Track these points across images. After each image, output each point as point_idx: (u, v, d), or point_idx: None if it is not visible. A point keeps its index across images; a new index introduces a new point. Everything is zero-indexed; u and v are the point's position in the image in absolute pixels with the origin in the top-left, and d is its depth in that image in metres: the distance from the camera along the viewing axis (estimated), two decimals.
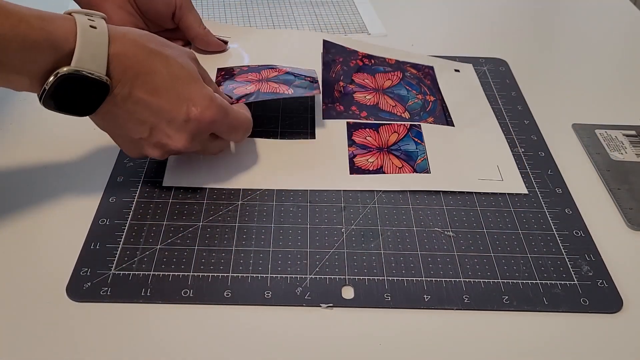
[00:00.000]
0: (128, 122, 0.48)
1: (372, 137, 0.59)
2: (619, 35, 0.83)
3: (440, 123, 0.63)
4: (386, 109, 0.63)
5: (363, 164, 0.57)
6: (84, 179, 0.55)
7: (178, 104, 0.48)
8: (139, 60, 0.47)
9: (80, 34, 0.44)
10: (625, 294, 0.48)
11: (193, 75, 0.50)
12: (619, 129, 0.64)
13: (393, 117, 0.63)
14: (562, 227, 0.53)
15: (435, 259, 0.50)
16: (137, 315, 0.45)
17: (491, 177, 0.57)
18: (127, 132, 0.50)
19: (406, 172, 0.57)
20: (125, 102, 0.47)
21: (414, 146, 0.59)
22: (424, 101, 0.65)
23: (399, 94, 0.65)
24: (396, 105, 0.63)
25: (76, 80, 0.44)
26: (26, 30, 0.42)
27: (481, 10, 0.87)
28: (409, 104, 0.64)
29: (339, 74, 0.66)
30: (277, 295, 0.46)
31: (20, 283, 0.46)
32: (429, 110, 0.64)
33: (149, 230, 0.50)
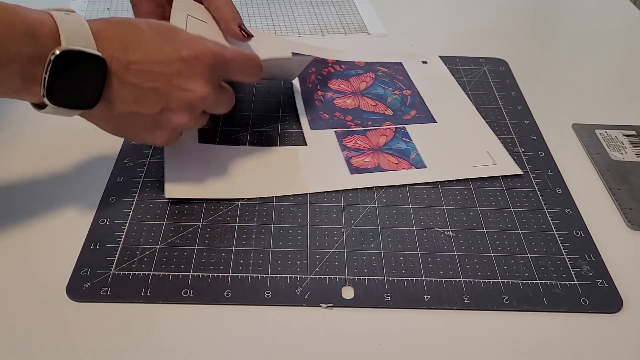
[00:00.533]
0: (141, 97, 0.46)
1: (363, 141, 0.60)
2: (619, 35, 0.83)
3: (422, 115, 0.64)
4: (368, 110, 0.64)
5: (360, 164, 0.58)
6: (84, 179, 0.55)
7: (176, 53, 0.46)
8: (121, 32, 0.45)
9: (57, 18, 0.43)
10: (625, 294, 0.48)
11: (174, 27, 0.49)
12: (619, 129, 0.64)
13: (377, 115, 0.63)
14: (562, 227, 0.53)
15: (435, 259, 0.50)
16: (137, 315, 0.45)
17: (485, 163, 0.58)
18: (146, 109, 0.47)
19: (404, 168, 0.58)
20: (128, 75, 0.45)
21: (404, 144, 0.60)
22: (402, 96, 0.66)
23: (377, 93, 0.66)
24: (377, 104, 0.65)
25: (71, 61, 0.42)
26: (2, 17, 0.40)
27: (481, 10, 0.87)
28: (389, 100, 0.65)
29: (315, 84, 0.66)
30: (277, 295, 0.46)
31: (20, 283, 0.46)
32: (409, 104, 0.65)
33: (149, 230, 0.50)
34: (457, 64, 0.74)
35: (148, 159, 0.57)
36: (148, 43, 0.46)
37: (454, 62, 0.74)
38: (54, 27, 0.42)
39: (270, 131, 0.61)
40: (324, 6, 0.86)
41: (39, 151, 0.58)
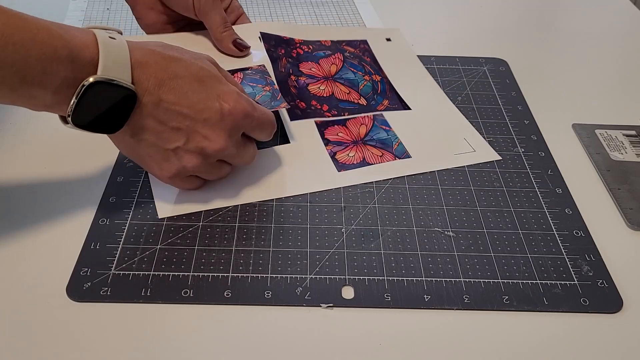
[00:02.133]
0: (161, 132, 0.47)
1: (344, 132, 0.60)
2: (619, 35, 0.83)
3: (395, 104, 0.65)
4: (343, 98, 0.64)
5: (346, 159, 0.58)
6: (85, 179, 0.55)
7: (209, 102, 0.48)
8: (161, 67, 0.46)
9: (101, 43, 0.43)
10: (625, 294, 0.48)
11: (216, 75, 0.49)
12: (619, 129, 0.64)
13: (352, 105, 0.64)
14: (562, 227, 0.53)
15: (435, 259, 0.50)
16: (137, 315, 0.45)
17: (464, 150, 0.59)
18: (162, 143, 0.48)
19: (389, 159, 0.58)
20: (156, 111, 0.46)
21: (385, 134, 0.61)
22: (372, 82, 0.67)
23: (348, 78, 0.67)
24: (350, 92, 0.65)
25: (103, 90, 0.43)
26: (45, 38, 0.41)
27: (481, 10, 0.87)
28: (361, 87, 0.66)
29: (287, 68, 0.67)
30: (277, 295, 0.46)
31: (20, 283, 0.46)
32: (380, 92, 0.66)
33: (149, 230, 0.50)
34: (457, 64, 0.74)
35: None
36: (184, 86, 0.47)
37: (454, 62, 0.74)
38: (95, 52, 0.43)
39: None
40: (324, 6, 0.86)
41: (39, 151, 0.58)
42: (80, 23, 0.77)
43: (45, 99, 0.43)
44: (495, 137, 0.62)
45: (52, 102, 0.43)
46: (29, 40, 0.40)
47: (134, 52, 0.45)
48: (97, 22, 0.78)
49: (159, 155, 0.49)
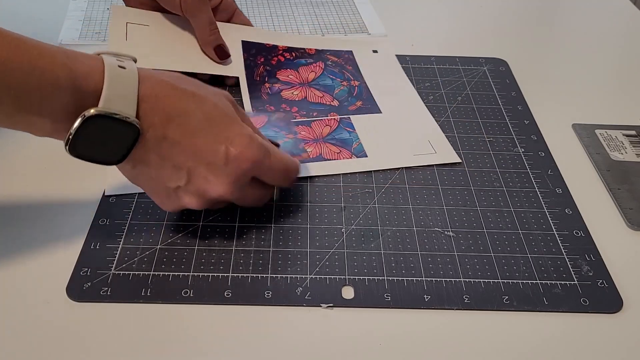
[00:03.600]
0: (163, 169, 0.45)
1: (307, 131, 0.61)
2: (618, 35, 0.83)
3: (368, 105, 0.65)
4: (315, 101, 0.65)
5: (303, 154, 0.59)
6: (84, 179, 0.55)
7: (216, 144, 0.45)
8: (172, 102, 0.44)
9: (107, 72, 0.41)
10: (625, 294, 0.48)
11: (229, 115, 0.46)
12: (619, 129, 0.64)
13: (323, 106, 0.64)
14: (562, 227, 0.53)
15: (435, 259, 0.50)
16: (137, 315, 0.45)
17: (425, 152, 0.60)
18: (163, 180, 0.46)
19: (345, 157, 0.59)
20: (159, 147, 0.44)
21: (347, 134, 0.61)
22: (350, 87, 0.67)
23: (325, 84, 0.67)
24: (324, 95, 0.66)
25: (104, 123, 0.41)
26: (46, 66, 0.39)
27: (481, 10, 0.87)
28: (336, 92, 0.66)
29: (264, 76, 0.67)
30: (277, 295, 0.46)
31: (20, 283, 0.46)
32: (356, 94, 0.66)
33: (149, 230, 0.50)
34: (457, 64, 0.74)
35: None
36: (193, 125, 0.44)
37: (454, 62, 0.74)
38: (99, 82, 0.41)
39: None
40: (324, 6, 0.86)
41: (39, 151, 0.58)
42: (80, 23, 0.78)
43: (44, 127, 0.41)
44: (495, 137, 0.62)
45: (52, 130, 0.41)
46: (28, 66, 0.38)
47: (143, 83, 0.43)
48: (97, 22, 0.78)
49: (159, 189, 0.47)
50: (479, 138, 0.62)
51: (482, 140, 0.62)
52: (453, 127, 0.64)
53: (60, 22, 0.77)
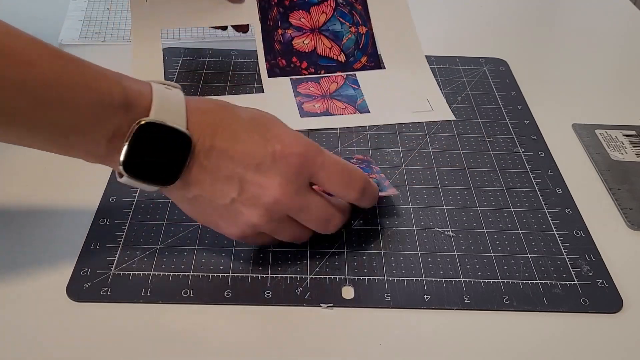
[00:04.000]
0: (216, 183, 0.43)
1: (315, 88, 0.67)
2: (619, 35, 0.83)
3: (372, 63, 0.69)
4: (324, 54, 0.69)
5: (311, 109, 0.64)
6: (85, 179, 0.55)
7: (262, 144, 0.43)
8: (217, 115, 0.44)
9: (156, 91, 0.42)
10: (625, 294, 0.48)
11: (273, 119, 0.45)
12: (619, 129, 0.64)
13: (331, 62, 0.69)
14: (562, 227, 0.53)
15: (435, 259, 0.50)
16: (137, 315, 0.45)
17: (423, 109, 0.65)
18: (217, 198, 0.43)
19: (350, 112, 0.64)
20: (208, 159, 0.42)
21: (353, 91, 0.67)
22: (357, 35, 0.70)
23: (334, 30, 0.69)
24: (332, 46, 0.69)
25: (156, 133, 0.41)
26: (102, 84, 0.39)
27: (481, 10, 0.87)
28: (344, 41, 0.69)
29: (277, 20, 0.69)
30: (277, 295, 0.46)
31: (20, 283, 0.46)
32: (362, 47, 0.69)
33: (149, 230, 0.50)
34: (457, 64, 0.74)
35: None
36: (238, 131, 0.43)
37: (454, 62, 0.74)
38: (149, 99, 0.41)
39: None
40: None
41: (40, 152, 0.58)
42: (80, 23, 0.78)
43: (99, 149, 0.41)
44: (495, 137, 0.62)
45: (105, 152, 0.41)
46: (84, 83, 0.39)
47: (189, 101, 0.43)
48: (97, 22, 0.78)
49: (220, 211, 0.44)
50: (479, 138, 0.62)
51: (482, 140, 0.62)
52: (453, 127, 0.64)
53: (60, 22, 0.77)
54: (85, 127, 0.40)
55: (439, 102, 0.66)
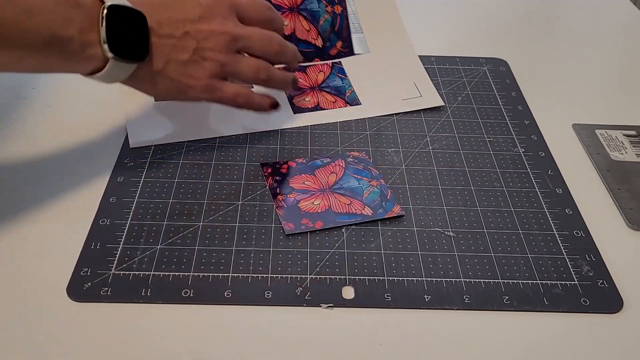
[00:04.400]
0: (175, 43, 0.51)
1: (303, 79, 0.66)
2: (619, 35, 0.83)
3: (347, 47, 0.70)
4: (302, 38, 0.68)
5: (302, 104, 0.64)
6: (85, 179, 0.55)
7: (193, 3, 0.53)
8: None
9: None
10: (625, 294, 0.48)
11: None
12: (619, 129, 0.64)
13: (309, 47, 0.68)
14: (562, 227, 0.53)
15: (435, 259, 0.50)
16: (137, 315, 0.45)
17: (412, 96, 0.66)
18: (180, 54, 0.52)
19: (340, 106, 0.64)
20: (161, 28, 0.51)
21: (340, 82, 0.67)
22: (333, 16, 0.69)
23: (312, 10, 0.68)
24: (310, 29, 0.68)
25: (120, 14, 0.47)
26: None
27: (481, 10, 0.87)
28: (321, 23, 0.68)
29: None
30: (277, 295, 0.46)
31: (20, 283, 0.46)
32: (337, 30, 0.69)
33: (149, 230, 0.50)
34: (457, 64, 0.74)
35: (148, 159, 0.57)
36: (168, 1, 0.52)
37: (454, 62, 0.74)
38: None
39: None
40: None
41: (39, 152, 0.58)
42: None
43: (73, 44, 0.45)
44: (495, 137, 0.62)
45: (79, 48, 0.46)
46: None
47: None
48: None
49: (185, 70, 0.52)
50: (479, 138, 0.62)
51: (482, 140, 0.62)
52: (453, 127, 0.64)
53: None
54: (58, 27, 0.44)
55: (427, 87, 0.66)
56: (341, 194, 0.54)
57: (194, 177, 0.56)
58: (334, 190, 0.55)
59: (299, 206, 0.53)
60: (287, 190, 0.54)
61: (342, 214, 0.52)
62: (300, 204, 0.53)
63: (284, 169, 0.57)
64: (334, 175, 0.56)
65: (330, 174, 0.56)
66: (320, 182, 0.55)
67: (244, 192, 0.55)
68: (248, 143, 0.60)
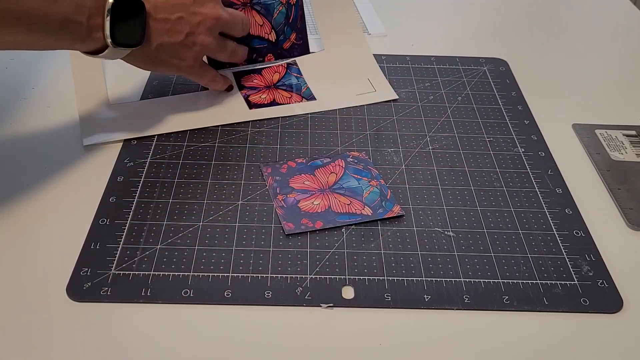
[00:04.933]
0: (170, 27, 0.56)
1: (259, 79, 0.67)
2: (619, 35, 0.83)
3: (301, 38, 0.70)
4: (255, 33, 0.67)
5: (258, 100, 0.65)
6: (84, 179, 0.55)
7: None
8: None
9: None
10: (625, 294, 0.48)
11: None
12: (619, 129, 0.64)
13: (262, 42, 0.68)
14: (562, 227, 0.53)
15: (435, 259, 0.50)
16: (137, 315, 0.45)
17: (366, 91, 0.67)
18: (175, 37, 0.56)
19: (296, 100, 0.65)
20: (158, 14, 0.55)
21: (296, 80, 0.67)
22: (287, 7, 0.68)
23: (265, 2, 0.67)
24: (263, 23, 0.67)
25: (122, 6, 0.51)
26: None
27: (481, 10, 0.87)
28: (275, 16, 0.68)
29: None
30: (277, 295, 0.46)
31: (20, 283, 0.46)
32: (291, 21, 0.69)
33: (149, 230, 0.50)
34: (457, 64, 0.74)
35: (148, 159, 0.57)
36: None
37: (454, 62, 0.74)
38: None
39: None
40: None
41: (39, 152, 0.58)
42: None
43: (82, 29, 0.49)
44: (495, 137, 0.62)
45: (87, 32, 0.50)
46: None
47: None
48: None
49: (176, 51, 0.57)
50: (479, 138, 0.62)
51: (482, 140, 0.62)
52: (453, 127, 0.64)
53: None
54: (72, 13, 0.48)
55: (381, 82, 0.68)
56: (341, 194, 0.54)
57: (194, 177, 0.56)
58: (334, 190, 0.55)
59: (299, 206, 0.53)
60: (287, 190, 0.54)
61: (342, 214, 0.52)
62: (300, 204, 0.53)
63: (284, 169, 0.57)
64: (334, 175, 0.56)
65: (330, 174, 0.56)
66: (320, 182, 0.55)
67: (244, 192, 0.55)
68: (248, 143, 0.60)
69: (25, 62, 0.70)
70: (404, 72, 0.71)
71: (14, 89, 0.66)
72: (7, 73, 0.68)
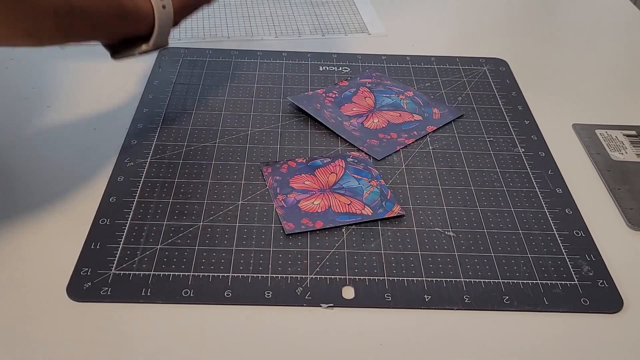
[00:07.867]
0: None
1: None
2: (619, 35, 0.83)
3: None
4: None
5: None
6: (85, 179, 0.55)
7: None
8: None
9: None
10: (625, 294, 0.48)
11: None
12: (619, 129, 0.64)
13: None
14: (562, 227, 0.53)
15: (436, 259, 0.49)
16: (137, 315, 0.45)
17: None
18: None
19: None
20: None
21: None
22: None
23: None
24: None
25: None
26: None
27: (481, 10, 0.87)
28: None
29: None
30: (277, 295, 0.46)
31: (20, 283, 0.46)
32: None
33: (149, 230, 0.50)
34: (457, 64, 0.74)
35: (148, 159, 0.57)
36: None
37: (454, 62, 0.74)
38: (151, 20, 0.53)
39: None
40: (324, 6, 0.86)
41: (39, 151, 0.58)
42: None
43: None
44: (495, 137, 0.62)
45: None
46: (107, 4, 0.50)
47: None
48: None
49: None
50: (479, 138, 0.62)
51: (482, 140, 0.62)
52: (453, 127, 0.64)
53: None
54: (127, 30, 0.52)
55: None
56: (341, 194, 0.54)
57: (194, 177, 0.56)
58: (334, 190, 0.55)
59: (299, 206, 0.53)
60: (287, 190, 0.54)
61: (342, 214, 0.52)
62: (300, 203, 0.53)
63: (284, 169, 0.57)
64: (334, 175, 0.56)
65: (330, 173, 0.56)
66: (320, 182, 0.55)
67: (244, 192, 0.55)
68: (248, 143, 0.60)
69: (25, 62, 0.70)
70: (404, 72, 0.71)
71: (14, 89, 0.66)
72: (7, 73, 0.68)
